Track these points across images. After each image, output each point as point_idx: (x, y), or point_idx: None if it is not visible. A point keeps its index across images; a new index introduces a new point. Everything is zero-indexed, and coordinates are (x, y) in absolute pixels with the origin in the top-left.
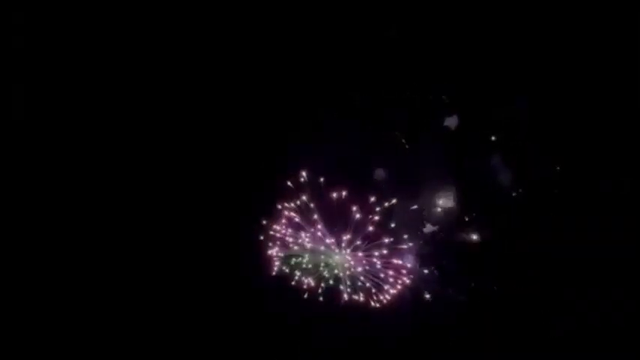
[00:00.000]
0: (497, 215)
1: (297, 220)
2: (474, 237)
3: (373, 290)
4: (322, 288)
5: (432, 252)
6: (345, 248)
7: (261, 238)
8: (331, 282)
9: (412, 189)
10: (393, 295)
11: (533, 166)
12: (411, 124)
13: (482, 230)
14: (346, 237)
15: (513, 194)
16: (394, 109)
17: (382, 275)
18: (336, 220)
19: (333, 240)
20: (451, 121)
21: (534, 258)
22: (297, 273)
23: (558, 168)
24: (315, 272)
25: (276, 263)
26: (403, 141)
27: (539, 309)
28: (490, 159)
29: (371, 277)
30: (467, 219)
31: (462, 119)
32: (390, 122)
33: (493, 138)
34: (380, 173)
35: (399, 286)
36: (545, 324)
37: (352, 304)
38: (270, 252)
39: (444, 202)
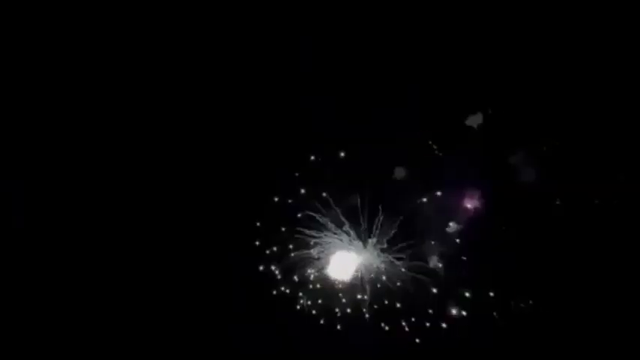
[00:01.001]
0: (524, 215)
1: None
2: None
3: (413, 319)
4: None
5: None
6: (372, 250)
7: (257, 244)
8: (349, 310)
9: (436, 188)
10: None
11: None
12: (439, 123)
13: (508, 231)
14: (373, 239)
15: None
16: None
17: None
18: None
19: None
20: (474, 120)
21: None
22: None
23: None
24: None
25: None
26: (430, 142)
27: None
28: (516, 158)
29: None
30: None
31: (487, 118)
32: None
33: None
34: (400, 172)
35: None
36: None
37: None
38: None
39: (468, 202)
